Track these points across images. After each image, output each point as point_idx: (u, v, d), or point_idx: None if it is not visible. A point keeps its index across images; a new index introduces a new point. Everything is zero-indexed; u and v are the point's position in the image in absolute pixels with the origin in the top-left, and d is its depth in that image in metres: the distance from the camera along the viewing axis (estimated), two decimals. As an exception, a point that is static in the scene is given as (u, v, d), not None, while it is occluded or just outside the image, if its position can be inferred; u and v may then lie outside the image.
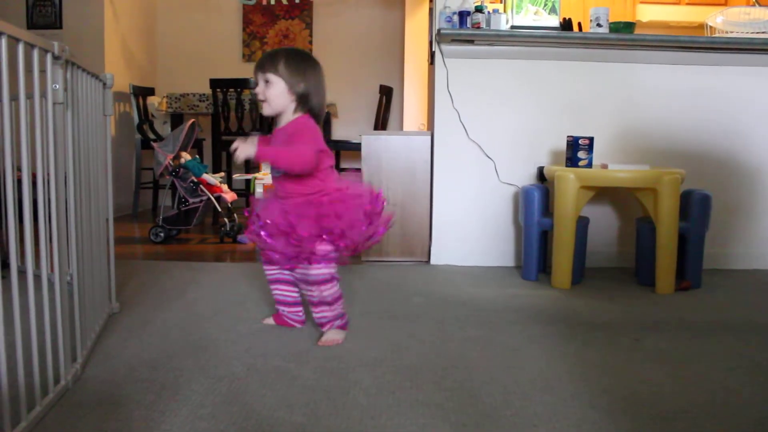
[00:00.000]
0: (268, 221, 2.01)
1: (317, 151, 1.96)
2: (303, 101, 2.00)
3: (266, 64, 1.98)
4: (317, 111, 2.04)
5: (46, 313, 1.54)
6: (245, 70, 5.85)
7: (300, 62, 2.01)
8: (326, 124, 5.61)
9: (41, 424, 1.44)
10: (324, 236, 1.95)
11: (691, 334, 2.23)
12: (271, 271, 2.18)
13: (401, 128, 5.82)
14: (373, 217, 2.02)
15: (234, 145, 1.86)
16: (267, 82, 1.97)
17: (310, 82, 2.00)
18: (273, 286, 2.21)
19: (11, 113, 2.48)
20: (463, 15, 3.14)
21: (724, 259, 3.38)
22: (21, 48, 1.38)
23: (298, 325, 2.22)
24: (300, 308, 2.22)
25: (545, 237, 3.12)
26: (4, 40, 1.28)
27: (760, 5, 3.39)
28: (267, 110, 2.01)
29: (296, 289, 2.19)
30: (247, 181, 4.62)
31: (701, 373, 1.86)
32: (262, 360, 1.89)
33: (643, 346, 2.09)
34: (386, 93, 5.40)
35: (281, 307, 2.22)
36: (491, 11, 3.17)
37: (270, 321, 2.26)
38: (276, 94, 1.98)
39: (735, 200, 3.38)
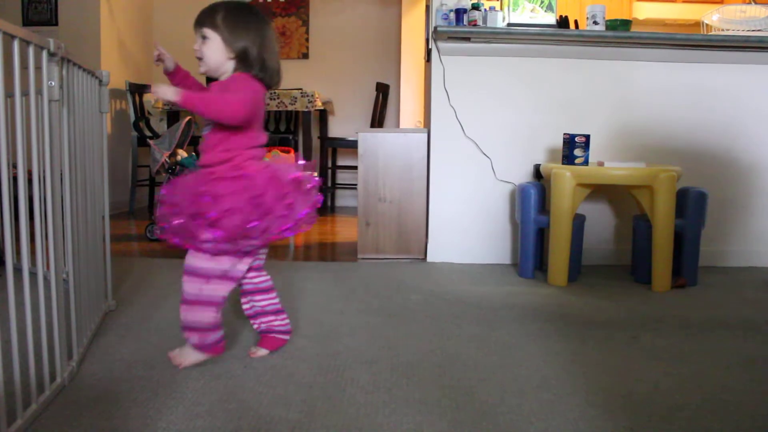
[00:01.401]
0: (166, 196, 1.74)
1: (253, 105, 1.72)
2: (244, 60, 1.76)
3: (205, 18, 1.77)
4: (262, 73, 1.79)
5: (42, 311, 1.54)
6: (241, 68, 5.84)
7: (242, 17, 1.78)
8: (323, 122, 5.62)
9: (37, 422, 1.44)
10: (197, 221, 1.66)
11: (687, 331, 2.24)
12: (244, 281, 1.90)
13: (398, 125, 5.82)
14: (281, 206, 1.69)
15: (154, 88, 1.64)
16: (204, 38, 1.76)
17: (252, 40, 1.76)
18: (246, 298, 1.94)
19: (6, 110, 2.46)
20: (459, 12, 3.14)
21: (720, 257, 3.39)
22: (17, 45, 1.37)
23: (287, 337, 1.98)
24: (285, 314, 1.97)
25: (542, 234, 3.12)
26: (-1, 37, 1.28)
27: (755, 3, 3.39)
28: (202, 68, 1.79)
29: (274, 294, 1.95)
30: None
31: (698, 370, 1.86)
32: (259, 357, 1.89)
33: (639, 343, 2.10)
34: (383, 90, 5.39)
35: (259, 321, 1.95)
36: (488, 9, 3.17)
37: (263, 352, 1.92)
38: (212, 51, 1.75)
39: (731, 197, 3.39)
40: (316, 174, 1.80)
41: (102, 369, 1.78)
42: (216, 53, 1.76)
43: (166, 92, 1.63)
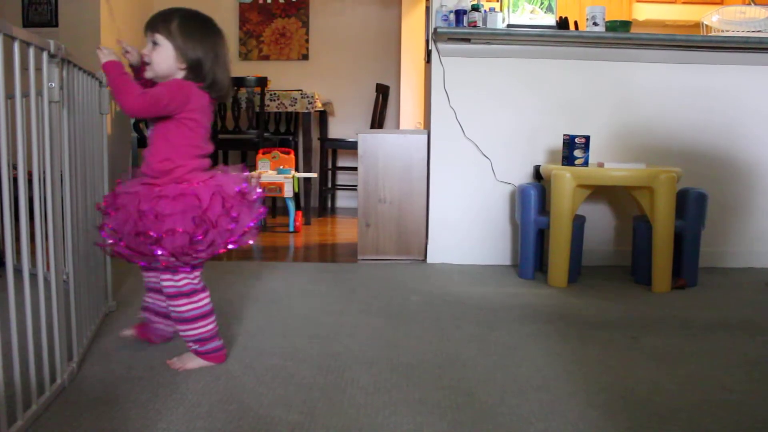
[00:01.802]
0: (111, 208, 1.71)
1: (170, 104, 1.67)
2: (195, 72, 1.73)
3: (158, 23, 1.72)
4: (211, 87, 1.76)
5: (43, 312, 1.54)
6: (242, 69, 5.84)
7: (198, 27, 1.74)
8: (323, 123, 5.62)
9: (37, 423, 1.44)
10: (140, 239, 1.65)
11: (687, 332, 2.24)
12: (149, 276, 1.89)
13: (398, 127, 5.82)
14: (225, 221, 1.70)
15: (99, 49, 1.69)
16: (155, 44, 1.71)
17: (206, 52, 1.72)
18: (148, 294, 1.93)
19: (7, 111, 2.46)
20: (459, 14, 3.14)
21: (720, 258, 3.39)
22: (17, 46, 1.37)
23: (159, 341, 1.96)
24: (171, 322, 1.90)
25: (542, 235, 3.12)
26: (0, 38, 1.28)
27: (755, 4, 3.39)
28: (149, 73, 1.75)
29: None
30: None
31: (698, 371, 1.86)
32: (259, 358, 1.89)
33: (639, 344, 2.10)
34: (383, 91, 5.40)
35: (149, 315, 1.94)
36: (488, 10, 3.17)
37: (129, 332, 1.94)
38: (162, 58, 1.71)
39: (731, 198, 3.39)
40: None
41: (102, 370, 1.78)
42: (167, 61, 1.72)
43: (103, 55, 1.68)
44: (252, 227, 1.76)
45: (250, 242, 1.78)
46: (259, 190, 1.81)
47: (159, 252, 1.64)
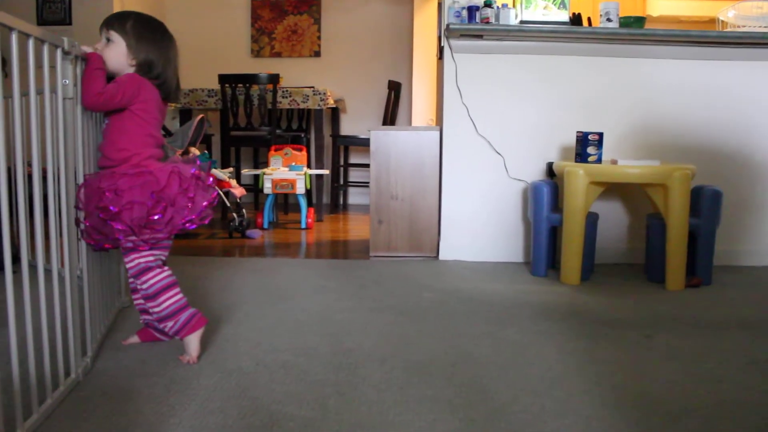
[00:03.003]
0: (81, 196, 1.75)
1: (123, 98, 1.76)
2: (144, 70, 1.83)
3: (114, 21, 1.84)
4: (162, 86, 1.87)
5: (57, 308, 1.55)
6: (254, 66, 5.86)
7: (150, 29, 1.87)
8: (335, 119, 5.62)
9: (52, 417, 1.45)
10: (100, 215, 1.70)
11: (702, 331, 2.22)
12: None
13: (410, 123, 5.81)
14: (181, 199, 1.76)
15: (87, 47, 1.77)
16: (108, 40, 1.82)
17: (156, 54, 1.84)
18: (138, 294, 1.94)
19: (21, 109, 2.48)
20: (472, 10, 3.13)
21: (735, 256, 3.36)
22: (31, 43, 1.38)
23: (165, 339, 1.99)
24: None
25: (554, 233, 3.11)
26: (14, 36, 1.29)
27: (772, -1, 3.35)
28: None
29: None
30: (256, 176, 4.63)
31: (713, 370, 1.84)
32: (272, 355, 1.90)
33: (653, 343, 2.08)
34: (395, 88, 5.39)
35: (146, 317, 1.98)
36: (500, 6, 3.15)
37: (133, 339, 1.98)
38: (114, 54, 1.80)
39: (746, 196, 3.36)
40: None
41: (115, 365, 1.79)
42: (118, 57, 1.82)
43: (89, 49, 1.76)
44: (206, 207, 1.83)
45: (206, 222, 1.85)
46: (210, 178, 1.89)
47: (118, 226, 1.70)
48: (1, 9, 1.22)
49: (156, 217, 1.73)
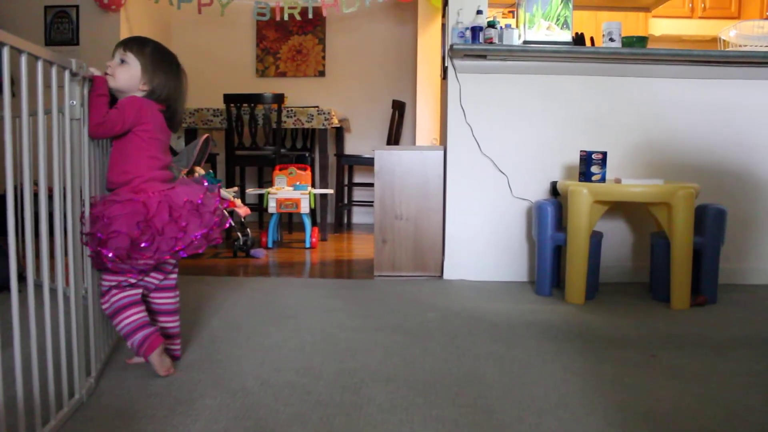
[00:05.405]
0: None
1: (123, 125, 1.78)
2: (153, 96, 1.87)
3: (133, 44, 1.87)
4: (167, 112, 1.91)
5: (62, 327, 1.55)
6: (259, 86, 5.90)
7: (167, 60, 1.92)
8: (339, 139, 5.65)
9: (56, 438, 1.45)
10: (91, 240, 1.74)
11: (707, 350, 2.21)
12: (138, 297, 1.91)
13: (414, 143, 5.83)
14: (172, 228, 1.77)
15: (96, 70, 1.79)
16: (123, 61, 1.85)
17: (167, 83, 1.89)
18: (150, 317, 1.94)
19: (29, 129, 2.50)
20: (475, 30, 3.15)
21: (740, 274, 3.35)
22: (40, 65, 1.40)
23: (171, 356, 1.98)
24: (178, 340, 2.02)
25: (559, 252, 3.10)
26: (24, 58, 1.31)
27: (774, 19, 3.37)
28: (110, 83, 1.84)
29: (176, 318, 2.02)
30: (261, 196, 4.64)
31: (719, 389, 1.83)
32: (276, 375, 1.89)
33: (659, 362, 2.07)
34: (399, 108, 5.42)
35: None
36: (504, 26, 3.18)
37: (138, 359, 1.95)
38: (127, 76, 1.84)
39: (750, 214, 3.35)
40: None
41: (119, 385, 1.79)
42: (131, 79, 1.85)
43: (97, 73, 1.77)
44: (200, 237, 1.82)
45: (200, 251, 1.85)
46: (218, 201, 1.91)
47: (105, 253, 1.72)
48: (10, 29, 1.24)
49: (143, 245, 1.74)
